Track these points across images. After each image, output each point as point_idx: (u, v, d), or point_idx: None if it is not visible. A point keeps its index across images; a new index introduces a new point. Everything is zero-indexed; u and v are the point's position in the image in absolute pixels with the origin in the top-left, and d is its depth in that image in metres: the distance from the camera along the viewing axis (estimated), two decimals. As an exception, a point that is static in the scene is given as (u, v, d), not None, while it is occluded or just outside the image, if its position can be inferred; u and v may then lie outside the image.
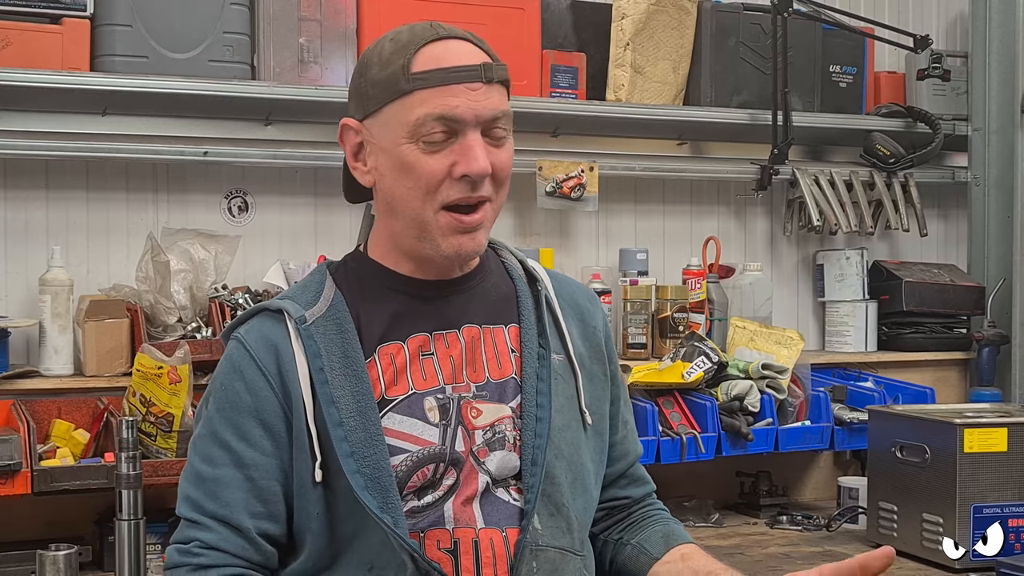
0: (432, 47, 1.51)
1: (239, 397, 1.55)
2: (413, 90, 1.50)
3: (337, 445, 1.49)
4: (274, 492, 1.53)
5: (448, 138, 1.50)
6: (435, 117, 1.49)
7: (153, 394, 2.54)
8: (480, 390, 1.58)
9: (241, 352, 1.57)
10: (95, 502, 2.67)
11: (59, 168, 2.90)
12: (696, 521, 3.11)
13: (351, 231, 3.10)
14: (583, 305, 1.72)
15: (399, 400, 1.55)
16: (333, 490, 1.51)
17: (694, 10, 3.42)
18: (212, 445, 1.55)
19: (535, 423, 1.57)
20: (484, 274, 1.64)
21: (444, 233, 1.52)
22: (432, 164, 1.50)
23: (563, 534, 1.57)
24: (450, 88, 1.49)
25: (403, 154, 1.51)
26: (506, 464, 1.56)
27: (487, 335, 1.60)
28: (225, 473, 1.53)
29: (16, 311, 2.84)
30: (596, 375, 1.69)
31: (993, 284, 3.66)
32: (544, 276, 1.69)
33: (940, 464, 2.66)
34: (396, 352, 1.56)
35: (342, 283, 1.61)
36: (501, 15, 3.07)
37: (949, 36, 3.99)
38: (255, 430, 1.54)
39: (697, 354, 3.08)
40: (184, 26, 2.86)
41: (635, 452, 1.79)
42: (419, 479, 1.53)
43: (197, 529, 1.53)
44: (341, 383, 1.52)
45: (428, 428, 1.54)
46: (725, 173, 3.56)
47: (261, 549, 1.54)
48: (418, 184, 1.51)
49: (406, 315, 1.58)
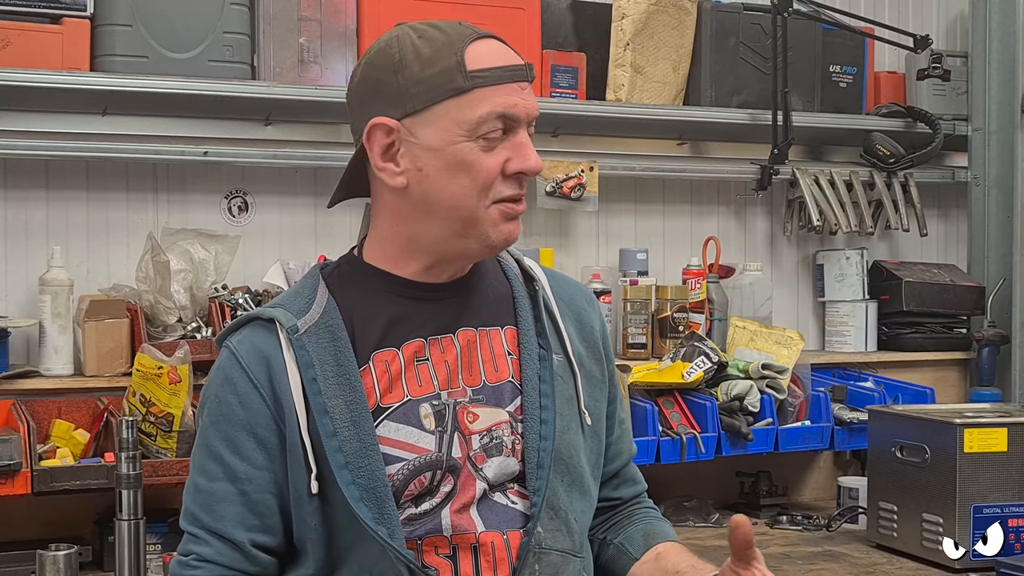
0: (478, 45, 1.51)
1: (232, 410, 1.54)
2: (473, 88, 1.49)
3: (331, 456, 1.48)
4: (268, 505, 1.53)
5: (504, 135, 1.51)
6: (497, 115, 1.49)
7: (153, 394, 2.54)
8: (476, 394, 1.56)
9: (233, 363, 1.55)
10: (95, 502, 2.67)
11: (59, 168, 2.90)
12: (696, 521, 3.11)
13: (351, 231, 3.10)
14: (580, 305, 1.71)
15: (394, 408, 1.53)
16: (329, 501, 1.51)
17: (694, 10, 3.42)
18: (207, 458, 1.55)
19: (539, 425, 1.56)
20: (480, 275, 1.63)
21: (495, 223, 1.53)
22: (489, 161, 1.50)
23: (564, 536, 1.57)
24: (507, 87, 1.50)
25: (460, 152, 1.50)
26: (504, 469, 1.55)
27: (483, 338, 1.59)
28: (219, 487, 1.53)
29: (16, 311, 2.84)
30: (594, 375, 1.68)
31: (993, 284, 3.66)
32: (541, 275, 1.68)
33: (940, 464, 2.65)
34: (391, 359, 1.54)
35: (335, 287, 1.59)
36: (501, 15, 3.07)
37: (949, 36, 3.99)
38: (248, 443, 1.53)
39: (697, 354, 3.08)
40: (184, 26, 2.86)
41: (629, 452, 1.78)
42: (416, 487, 1.52)
43: (195, 543, 1.54)
44: (334, 392, 1.51)
45: (424, 435, 1.53)
46: (725, 173, 3.56)
47: (257, 561, 1.54)
48: (475, 181, 1.50)
49: (401, 320, 1.56)
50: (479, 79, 1.49)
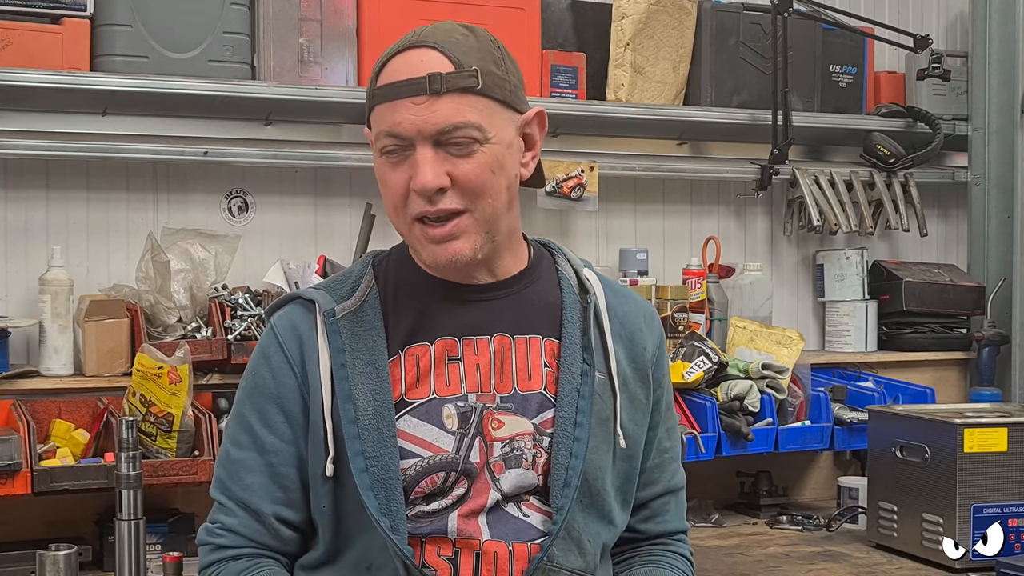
0: (396, 59, 1.51)
1: (264, 383, 1.58)
2: (374, 106, 1.52)
3: (349, 442, 1.50)
4: (292, 479, 1.57)
5: (404, 152, 1.49)
6: (386, 134, 1.49)
7: (153, 394, 2.54)
8: (505, 401, 1.56)
9: (271, 338, 1.60)
10: (95, 502, 2.67)
11: (59, 168, 2.90)
12: (696, 521, 3.11)
13: (351, 231, 3.10)
14: (636, 324, 1.66)
15: (418, 404, 1.54)
16: (343, 486, 1.53)
17: (694, 10, 3.42)
18: (239, 428, 1.59)
19: (571, 442, 1.54)
20: (530, 280, 1.62)
21: (422, 243, 1.53)
22: (395, 178, 1.51)
23: (575, 556, 1.55)
24: (395, 104, 1.48)
25: (378, 168, 1.54)
26: (522, 482, 1.54)
27: (520, 344, 1.58)
28: (248, 457, 1.57)
29: (16, 311, 2.84)
30: (637, 398, 1.64)
31: (993, 284, 3.66)
32: (598, 288, 1.64)
33: (940, 464, 2.65)
34: (422, 353, 1.55)
35: (380, 277, 1.61)
36: (501, 15, 3.07)
37: (949, 36, 3.98)
38: (276, 416, 1.57)
39: (697, 354, 3.08)
40: (184, 26, 2.86)
41: (667, 484, 1.71)
42: (427, 485, 1.52)
43: (222, 512, 1.59)
44: (361, 380, 1.53)
45: (443, 435, 1.53)
46: (725, 173, 3.56)
47: (278, 534, 1.57)
48: (389, 197, 1.53)
49: (436, 316, 1.57)
50: (377, 96, 1.51)
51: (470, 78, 1.48)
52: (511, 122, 1.54)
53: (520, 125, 1.56)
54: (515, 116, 1.55)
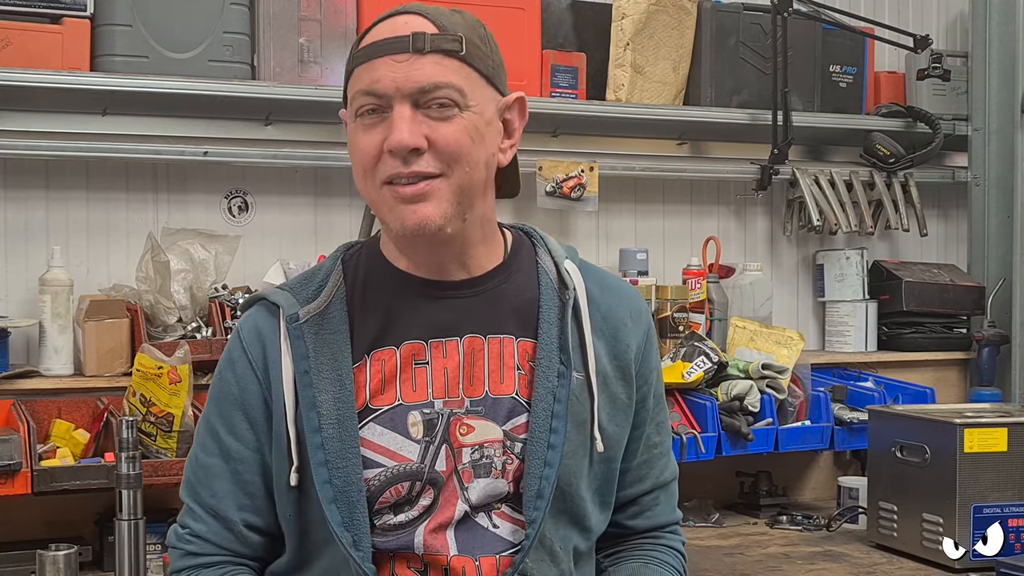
0: (380, 26, 1.46)
1: (229, 388, 1.55)
2: (353, 69, 1.47)
3: (312, 452, 1.46)
4: (257, 487, 1.54)
5: (381, 113, 1.43)
6: (363, 92, 1.43)
7: (153, 394, 2.54)
8: (475, 405, 1.49)
9: (236, 342, 1.56)
10: (95, 502, 2.67)
11: (59, 168, 2.90)
12: (696, 521, 3.11)
13: (351, 231, 3.10)
14: (621, 319, 1.57)
15: (382, 411, 1.48)
16: (307, 496, 1.49)
17: (694, 10, 3.42)
18: (206, 433, 1.56)
19: (546, 450, 1.46)
20: (505, 276, 1.54)
21: (390, 206, 1.44)
22: (366, 140, 1.43)
23: (549, 566, 1.50)
24: (377, 61, 1.42)
25: (349, 134, 1.48)
26: (491, 492, 1.48)
27: (493, 345, 1.50)
28: (215, 463, 1.54)
29: (16, 311, 2.84)
30: (619, 397, 1.56)
31: (993, 284, 3.66)
32: (579, 281, 1.55)
33: (940, 464, 2.65)
34: (388, 358, 1.49)
35: (349, 273, 1.55)
36: (501, 15, 3.07)
37: (949, 36, 3.98)
38: (241, 423, 1.53)
39: (697, 354, 3.08)
40: (184, 26, 2.86)
41: (656, 479, 1.65)
42: (392, 495, 1.47)
43: (191, 517, 1.56)
44: (325, 387, 1.47)
45: (408, 444, 1.48)
46: (725, 173, 3.56)
47: (247, 541, 1.55)
48: (360, 162, 1.45)
49: (404, 317, 1.50)
50: (358, 58, 1.46)
51: (454, 42, 1.43)
52: (492, 100, 1.48)
53: (501, 108, 1.49)
54: (496, 96, 1.49)
